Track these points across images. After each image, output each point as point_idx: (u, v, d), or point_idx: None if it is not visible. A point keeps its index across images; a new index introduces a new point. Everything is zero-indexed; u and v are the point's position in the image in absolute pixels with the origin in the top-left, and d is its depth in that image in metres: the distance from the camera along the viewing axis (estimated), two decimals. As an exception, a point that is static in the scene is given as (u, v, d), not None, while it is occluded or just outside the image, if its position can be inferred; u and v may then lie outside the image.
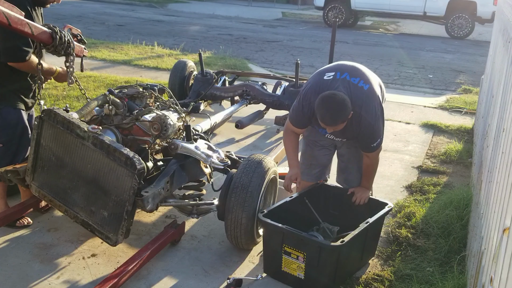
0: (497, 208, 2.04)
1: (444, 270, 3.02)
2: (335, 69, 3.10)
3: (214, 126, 4.55)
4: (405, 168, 4.78)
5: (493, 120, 3.12)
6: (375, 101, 3.00)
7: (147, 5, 19.42)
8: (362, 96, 2.95)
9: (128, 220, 2.77)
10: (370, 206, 3.17)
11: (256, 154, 3.26)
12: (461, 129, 5.92)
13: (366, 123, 2.97)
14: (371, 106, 2.97)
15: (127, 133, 3.22)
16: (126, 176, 2.72)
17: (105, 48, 9.72)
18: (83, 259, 3.01)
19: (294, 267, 2.81)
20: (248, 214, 2.95)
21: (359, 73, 3.06)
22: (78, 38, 3.22)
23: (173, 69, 5.94)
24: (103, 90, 6.38)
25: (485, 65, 6.54)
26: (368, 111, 2.96)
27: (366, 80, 3.03)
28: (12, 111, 3.09)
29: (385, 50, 12.21)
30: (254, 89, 5.49)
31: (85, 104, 3.22)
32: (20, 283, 2.75)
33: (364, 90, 2.98)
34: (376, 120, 2.99)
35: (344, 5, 15.66)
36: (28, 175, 3.03)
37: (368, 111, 2.96)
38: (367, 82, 3.02)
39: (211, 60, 8.91)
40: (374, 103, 2.99)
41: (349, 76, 3.00)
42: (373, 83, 3.07)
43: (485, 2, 13.94)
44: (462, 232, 3.38)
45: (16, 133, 3.12)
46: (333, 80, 2.99)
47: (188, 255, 3.13)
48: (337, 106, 2.80)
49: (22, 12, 2.73)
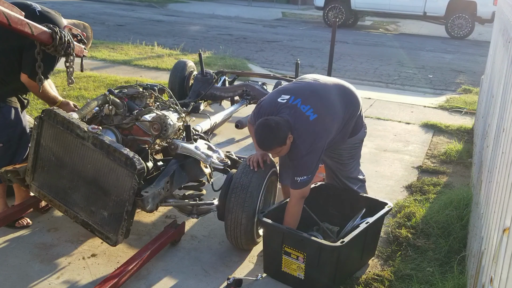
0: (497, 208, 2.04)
1: (444, 270, 3.02)
2: (294, 91, 3.03)
3: (214, 126, 4.55)
4: (405, 168, 4.78)
5: (493, 120, 3.12)
6: (315, 134, 2.87)
7: (147, 5, 19.42)
8: (303, 124, 2.87)
9: (128, 220, 2.77)
10: (370, 206, 3.17)
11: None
12: (461, 129, 5.92)
13: (297, 152, 2.88)
14: (309, 137, 2.86)
15: (127, 133, 3.22)
16: (126, 176, 2.72)
17: (105, 48, 9.72)
18: (83, 259, 3.01)
19: (294, 267, 2.81)
20: (248, 214, 2.95)
21: (314, 100, 2.95)
22: (78, 38, 3.22)
23: (173, 69, 5.94)
24: (103, 90, 6.38)
25: (485, 65, 6.54)
26: (302, 141, 2.86)
27: (317, 109, 2.91)
28: (13, 110, 3.10)
29: (385, 50, 12.21)
30: (254, 89, 5.49)
31: (85, 104, 3.22)
32: (20, 283, 2.75)
33: (309, 120, 2.87)
34: (308, 152, 2.85)
35: (344, 5, 15.66)
36: (28, 175, 3.03)
37: (303, 140, 2.86)
38: (317, 112, 2.89)
39: (211, 60, 8.91)
40: (313, 136, 2.86)
41: (301, 103, 2.92)
42: (325, 114, 2.93)
43: (485, 2, 13.95)
44: (462, 232, 3.38)
45: (16, 133, 3.12)
46: (284, 104, 2.95)
47: (188, 255, 3.13)
48: (268, 133, 2.83)
49: (22, 12, 2.73)
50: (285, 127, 2.83)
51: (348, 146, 3.25)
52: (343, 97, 3.10)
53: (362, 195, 3.31)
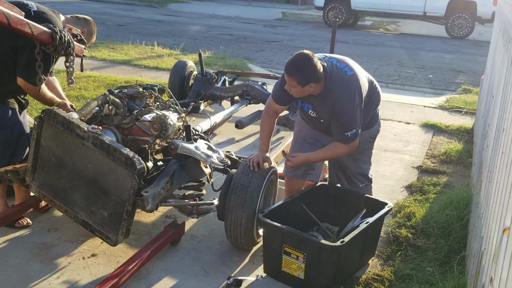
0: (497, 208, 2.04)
1: (444, 270, 3.02)
2: (325, 55, 3.11)
3: (214, 126, 4.55)
4: (405, 168, 4.78)
5: (493, 120, 3.12)
6: (355, 87, 2.93)
7: (147, 5, 19.42)
8: (343, 77, 2.94)
9: (128, 220, 2.77)
10: (370, 206, 3.17)
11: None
12: (461, 129, 5.92)
13: (341, 104, 2.92)
14: (350, 89, 2.92)
15: (127, 133, 3.22)
16: (126, 176, 2.72)
17: (105, 48, 9.71)
18: (83, 259, 3.01)
19: (294, 267, 2.81)
20: (248, 214, 2.95)
21: (347, 62, 3.06)
22: (78, 38, 3.22)
23: (173, 69, 5.93)
24: (103, 90, 6.37)
25: (485, 65, 6.54)
26: (345, 93, 2.91)
27: (352, 68, 3.02)
28: (10, 111, 3.09)
29: (385, 50, 12.20)
30: (254, 89, 5.49)
31: (85, 104, 3.22)
32: (20, 283, 2.75)
33: (347, 74, 2.96)
34: (352, 106, 2.91)
35: (344, 5, 15.65)
36: (28, 175, 3.03)
37: (345, 93, 2.91)
38: (353, 70, 3.00)
39: (211, 60, 8.91)
40: (354, 89, 2.93)
41: (336, 61, 3.02)
42: (359, 74, 3.03)
43: (485, 2, 13.93)
44: (462, 232, 3.38)
45: (14, 133, 3.11)
46: (321, 58, 2.98)
47: (188, 255, 3.13)
48: (300, 59, 2.82)
49: (22, 12, 2.73)
50: (316, 70, 2.81)
51: (362, 139, 3.19)
52: (370, 82, 3.18)
53: (362, 195, 3.31)
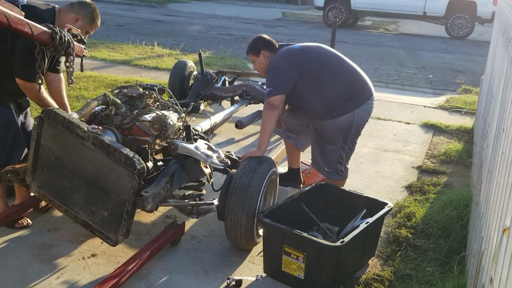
0: (497, 208, 2.04)
1: (444, 270, 3.02)
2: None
3: (214, 126, 4.54)
4: (405, 168, 4.78)
5: (493, 120, 3.12)
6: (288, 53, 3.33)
7: (147, 5, 19.42)
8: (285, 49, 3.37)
9: (128, 220, 2.77)
10: (370, 206, 3.17)
11: (256, 154, 3.25)
12: (461, 129, 5.92)
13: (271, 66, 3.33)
14: (283, 54, 3.33)
15: (127, 133, 3.22)
16: (126, 176, 2.71)
17: (105, 48, 9.72)
18: (83, 259, 3.01)
19: (294, 267, 2.81)
20: (248, 214, 2.95)
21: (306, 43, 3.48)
22: (78, 38, 3.21)
23: (173, 69, 5.93)
24: (103, 90, 6.38)
25: (485, 65, 6.54)
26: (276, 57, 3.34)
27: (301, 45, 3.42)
28: (5, 111, 3.08)
29: (385, 50, 12.21)
30: (254, 89, 5.49)
31: (85, 104, 3.22)
32: (20, 283, 2.75)
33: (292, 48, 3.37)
34: (273, 64, 3.29)
35: (344, 5, 15.63)
36: (28, 175, 3.03)
37: (276, 57, 3.34)
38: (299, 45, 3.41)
39: (211, 60, 8.91)
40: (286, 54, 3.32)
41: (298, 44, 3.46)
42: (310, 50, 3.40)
43: (485, 2, 13.93)
44: (462, 232, 3.38)
45: (9, 134, 3.10)
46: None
47: (188, 255, 3.13)
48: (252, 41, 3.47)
49: (22, 12, 2.73)
50: (266, 41, 3.41)
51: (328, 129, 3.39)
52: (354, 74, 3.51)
53: (362, 195, 3.31)
